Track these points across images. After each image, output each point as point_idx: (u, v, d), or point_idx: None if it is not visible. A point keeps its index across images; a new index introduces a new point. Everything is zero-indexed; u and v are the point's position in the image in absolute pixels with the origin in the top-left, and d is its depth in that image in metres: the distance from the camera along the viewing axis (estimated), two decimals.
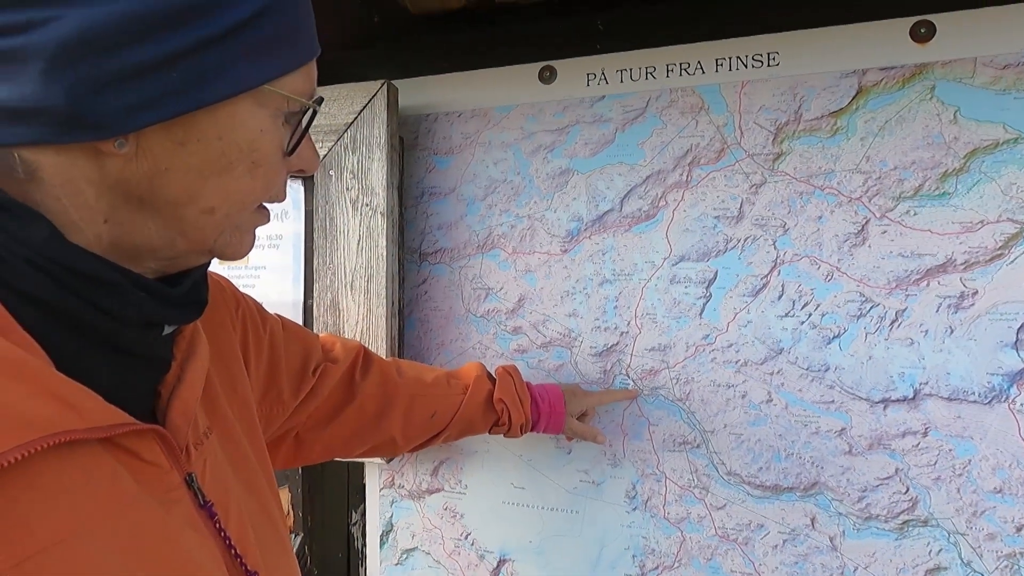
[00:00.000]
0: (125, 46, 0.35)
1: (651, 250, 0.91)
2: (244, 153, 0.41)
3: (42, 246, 0.36)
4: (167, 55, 0.36)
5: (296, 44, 0.42)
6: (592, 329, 0.94)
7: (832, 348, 0.83)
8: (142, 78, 0.35)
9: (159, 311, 0.42)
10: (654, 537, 0.91)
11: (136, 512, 0.38)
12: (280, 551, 0.54)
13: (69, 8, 0.33)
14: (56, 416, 0.34)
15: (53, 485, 0.34)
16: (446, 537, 1.03)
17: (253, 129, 0.41)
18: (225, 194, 0.41)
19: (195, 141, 0.39)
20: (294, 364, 0.68)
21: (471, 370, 0.84)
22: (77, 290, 0.38)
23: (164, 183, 0.39)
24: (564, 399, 0.85)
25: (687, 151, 0.89)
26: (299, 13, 0.42)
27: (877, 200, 0.81)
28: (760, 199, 0.86)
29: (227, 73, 0.38)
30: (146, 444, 0.41)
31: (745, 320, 0.87)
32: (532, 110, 0.97)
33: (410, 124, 1.03)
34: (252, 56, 0.39)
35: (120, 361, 0.41)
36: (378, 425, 0.75)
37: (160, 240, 0.41)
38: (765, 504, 0.86)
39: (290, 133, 0.44)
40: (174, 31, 0.35)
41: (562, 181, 0.95)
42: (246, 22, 0.38)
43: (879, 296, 0.81)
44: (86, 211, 0.38)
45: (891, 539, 0.81)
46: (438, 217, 1.02)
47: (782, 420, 0.85)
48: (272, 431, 0.67)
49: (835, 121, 0.83)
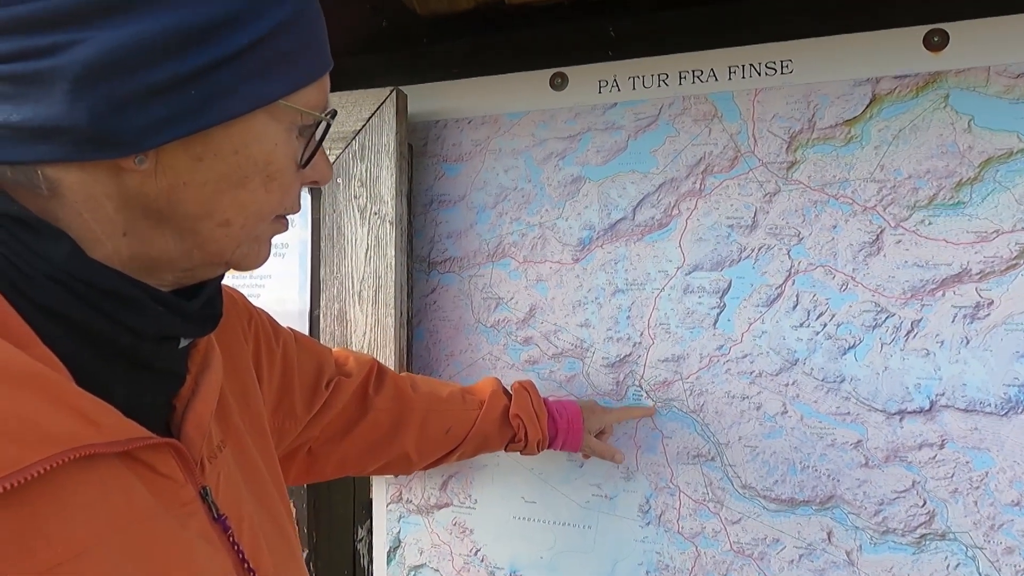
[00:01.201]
0: (145, 66, 0.39)
1: (664, 259, 0.97)
2: (259, 167, 0.45)
3: (64, 262, 0.41)
4: (185, 74, 0.40)
5: (310, 59, 0.47)
6: (604, 340, 1.01)
7: (848, 359, 0.89)
8: (161, 97, 0.39)
9: (176, 325, 0.47)
10: (668, 552, 0.97)
11: (151, 525, 0.42)
12: (293, 565, 0.58)
13: (92, 31, 0.38)
14: (77, 430, 0.38)
15: (72, 498, 0.38)
16: (455, 553, 1.09)
17: (268, 143, 0.46)
18: (240, 207, 0.46)
19: (212, 156, 0.43)
20: (307, 378, 0.74)
21: (486, 385, 0.90)
22: (97, 304, 0.42)
23: (182, 198, 0.43)
24: (582, 416, 0.90)
25: (700, 159, 0.96)
26: (313, 28, 0.47)
27: (892, 209, 0.87)
28: (774, 208, 0.92)
29: (242, 90, 0.42)
30: (162, 457, 0.45)
31: (760, 330, 0.93)
32: (543, 117, 1.04)
33: (419, 131, 1.11)
34: (267, 73, 0.43)
35: (136, 375, 0.46)
36: (392, 440, 0.81)
37: (178, 252, 0.46)
38: (781, 518, 0.92)
39: (304, 146, 0.49)
40: (192, 51, 0.40)
41: (574, 189, 1.02)
42: (261, 39, 0.42)
43: (894, 306, 0.87)
44: (106, 225, 0.43)
45: (908, 553, 0.87)
46: (447, 225, 1.09)
47: (797, 432, 0.91)
48: (285, 445, 0.72)
49: (849, 129, 0.89)
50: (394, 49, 1.14)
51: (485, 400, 0.87)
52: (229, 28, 0.41)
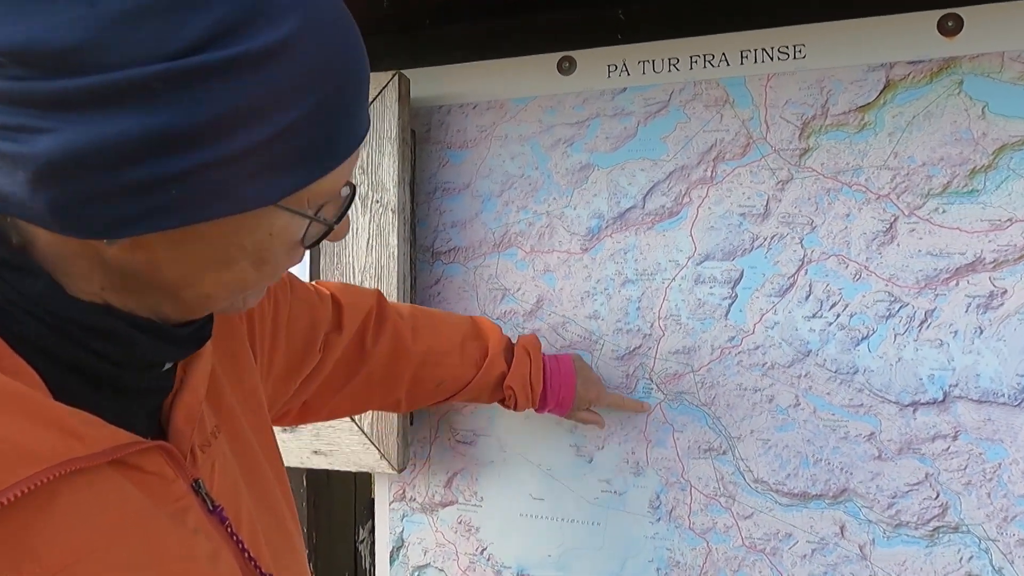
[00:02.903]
0: (117, 167, 0.38)
1: (675, 249, 1.06)
2: (249, 253, 0.46)
3: (40, 299, 0.43)
4: (165, 175, 0.39)
5: (332, 149, 0.45)
6: (614, 331, 1.10)
7: (861, 350, 0.98)
8: (134, 196, 0.39)
9: (162, 351, 0.50)
10: (679, 548, 1.07)
11: (146, 529, 0.46)
12: (289, 552, 0.63)
13: (61, 123, 0.37)
14: (58, 446, 0.41)
15: (60, 512, 0.41)
16: (460, 552, 1.19)
17: (262, 233, 0.45)
18: (225, 284, 0.48)
19: (195, 240, 0.44)
20: (297, 341, 0.78)
21: (491, 341, 0.96)
22: (78, 339, 0.45)
23: (161, 271, 0.45)
24: (575, 392, 0.99)
25: (711, 146, 1.05)
26: (343, 112, 0.45)
27: (905, 197, 0.96)
28: (787, 196, 1.01)
29: (237, 192, 0.42)
30: (150, 457, 0.48)
31: (772, 321, 1.02)
32: (551, 102, 1.13)
33: (422, 116, 1.20)
34: (271, 173, 0.42)
35: (123, 398, 0.49)
36: (384, 390, 0.90)
37: (160, 307, 0.48)
38: (793, 512, 1.01)
39: (307, 225, 0.48)
40: (177, 153, 0.38)
41: (582, 177, 1.11)
42: (267, 140, 0.41)
43: (908, 296, 0.96)
44: (83, 278, 0.45)
45: (922, 547, 0.96)
46: (452, 214, 1.18)
47: (810, 425, 1.00)
48: (278, 408, 0.80)
49: (863, 116, 0.98)
50: (396, 31, 1.23)
51: (484, 361, 0.94)
52: (225, 131, 0.39)
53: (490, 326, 0.99)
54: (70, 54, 0.36)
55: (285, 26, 0.40)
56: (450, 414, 1.19)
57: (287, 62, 0.40)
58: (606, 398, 1.05)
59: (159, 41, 0.37)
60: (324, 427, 1.13)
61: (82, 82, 0.36)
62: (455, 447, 1.18)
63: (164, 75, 0.37)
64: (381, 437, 1.10)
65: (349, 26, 0.46)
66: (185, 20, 0.37)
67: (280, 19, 0.40)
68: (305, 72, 0.42)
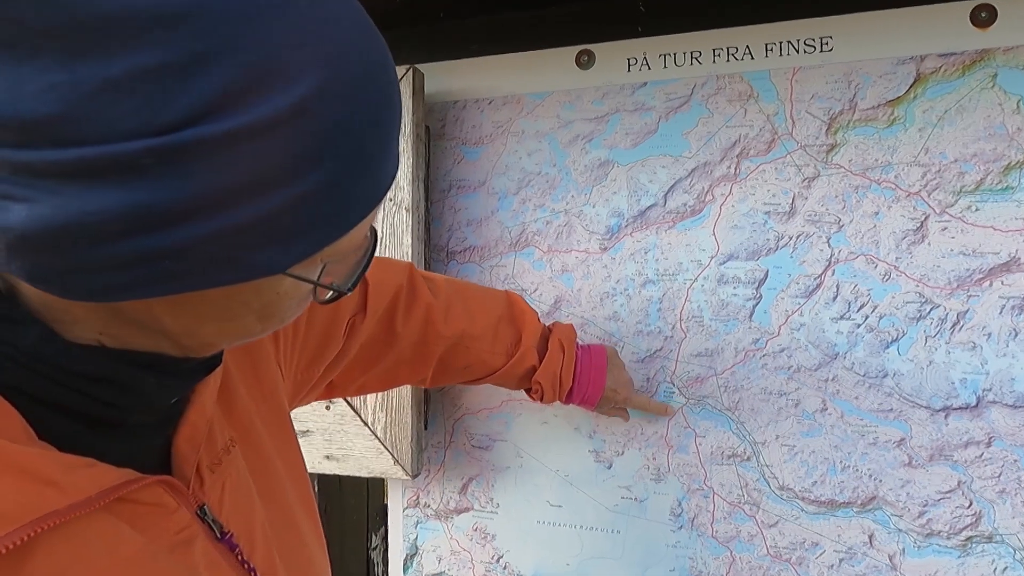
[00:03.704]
0: (98, 242, 0.36)
1: (697, 248, 1.08)
2: (255, 310, 0.44)
3: (33, 347, 0.42)
4: (153, 251, 0.36)
5: (351, 208, 0.42)
6: (634, 333, 1.12)
7: (890, 353, 0.99)
8: (119, 269, 0.37)
9: (168, 391, 0.49)
10: (701, 558, 1.09)
11: (138, 573, 0.44)
12: (311, 571, 0.63)
13: (38, 194, 0.34)
14: (30, 501, 0.39)
15: (40, 570, 0.39)
16: (476, 560, 1.21)
17: (269, 295, 0.44)
18: (227, 335, 0.47)
19: (196, 300, 0.42)
20: (320, 329, 0.77)
21: (525, 331, 0.97)
22: (77, 387, 0.43)
23: (161, 321, 0.43)
24: (603, 391, 1.01)
25: (735, 142, 1.06)
26: (364, 171, 0.41)
27: (937, 195, 0.97)
28: (813, 193, 1.03)
29: (237, 263, 0.39)
30: (148, 489, 0.47)
31: (798, 323, 1.03)
32: (569, 97, 1.15)
33: (436, 112, 1.22)
34: (278, 243, 0.39)
35: (123, 435, 0.48)
36: (412, 369, 0.92)
37: (161, 347, 0.46)
38: (820, 521, 1.03)
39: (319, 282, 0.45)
40: (164, 229, 0.36)
41: (601, 174, 1.13)
42: (273, 213, 0.38)
43: (939, 297, 0.97)
44: (79, 326, 0.43)
45: (953, 557, 0.97)
46: (467, 213, 1.21)
47: (837, 430, 1.02)
48: (302, 395, 0.79)
49: (892, 111, 0.99)
50: (410, 24, 1.25)
51: (516, 351, 0.96)
52: (224, 204, 0.36)
53: (526, 310, 1.00)
54: (45, 126, 0.33)
55: (299, 88, 0.36)
56: (466, 418, 1.21)
57: (298, 129, 0.37)
58: (634, 400, 1.07)
59: (147, 114, 0.33)
60: (336, 431, 1.16)
61: (59, 155, 0.33)
62: (470, 452, 1.21)
63: (152, 151, 0.34)
64: (395, 442, 1.13)
65: (378, 73, 0.41)
66: (179, 89, 0.34)
67: (294, 80, 0.36)
68: (321, 137, 0.38)
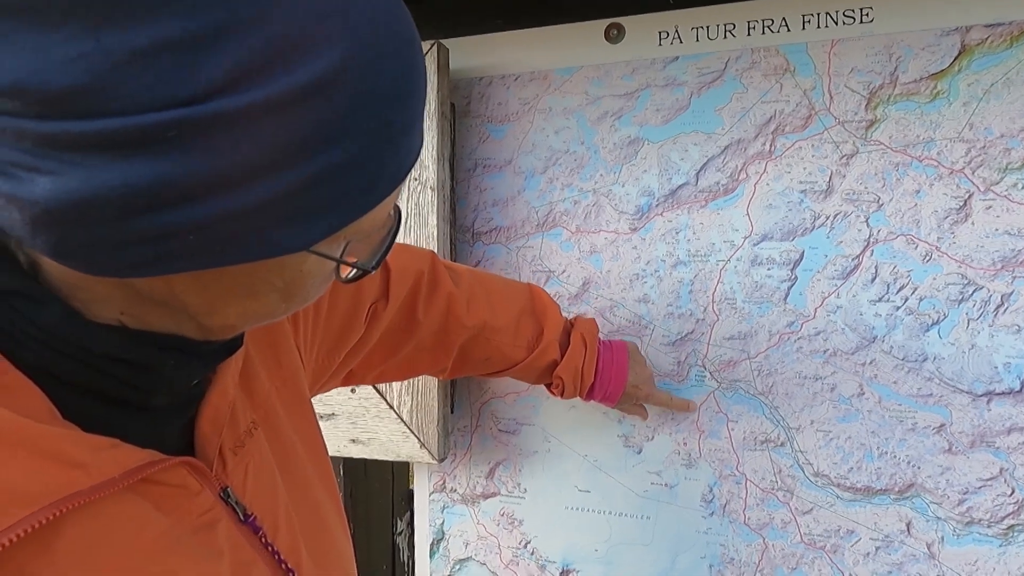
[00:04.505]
0: (124, 217, 0.37)
1: (730, 228, 1.10)
2: (278, 288, 0.46)
3: (54, 326, 0.43)
4: (178, 226, 0.38)
5: (376, 185, 0.43)
6: (665, 316, 1.14)
7: (931, 336, 1.00)
8: (144, 244, 0.38)
9: (190, 372, 0.51)
10: (733, 545, 1.11)
11: (161, 558, 0.46)
12: (334, 554, 0.65)
13: (63, 166, 0.35)
14: (56, 481, 0.41)
15: (63, 552, 0.41)
16: (503, 546, 1.25)
17: (293, 272, 0.45)
18: (250, 314, 0.48)
19: (219, 276, 0.43)
20: (341, 315, 0.79)
21: (547, 325, 1.00)
22: (98, 367, 0.45)
23: (183, 299, 0.45)
24: (625, 387, 1.04)
25: (770, 118, 1.07)
26: (391, 146, 0.43)
27: (981, 172, 0.98)
28: (851, 171, 1.04)
29: (261, 239, 0.40)
30: (173, 471, 0.49)
31: (834, 305, 1.05)
32: (597, 73, 1.17)
33: (462, 89, 1.24)
34: (303, 219, 0.41)
35: (147, 416, 0.50)
36: (432, 359, 0.95)
37: (182, 329, 0.48)
38: (856, 508, 1.05)
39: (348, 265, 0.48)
40: (190, 203, 0.37)
41: (631, 152, 1.15)
42: (299, 188, 0.39)
43: (983, 279, 0.98)
44: (100, 304, 0.45)
45: (994, 546, 0.98)
46: (493, 192, 1.23)
47: (875, 415, 1.03)
48: (321, 382, 0.82)
49: (935, 84, 1.00)
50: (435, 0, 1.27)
51: (537, 345, 0.99)
52: (249, 178, 0.38)
53: (549, 304, 1.02)
54: (70, 97, 0.34)
55: (325, 60, 0.38)
56: (492, 402, 1.24)
57: (324, 102, 0.38)
58: (655, 396, 1.09)
59: (173, 85, 0.35)
60: (361, 415, 1.19)
61: (84, 126, 0.34)
62: (497, 436, 1.24)
63: (178, 122, 0.35)
64: (421, 426, 1.16)
65: (404, 46, 0.42)
66: (204, 60, 0.35)
67: (319, 52, 0.37)
68: (347, 110, 0.39)
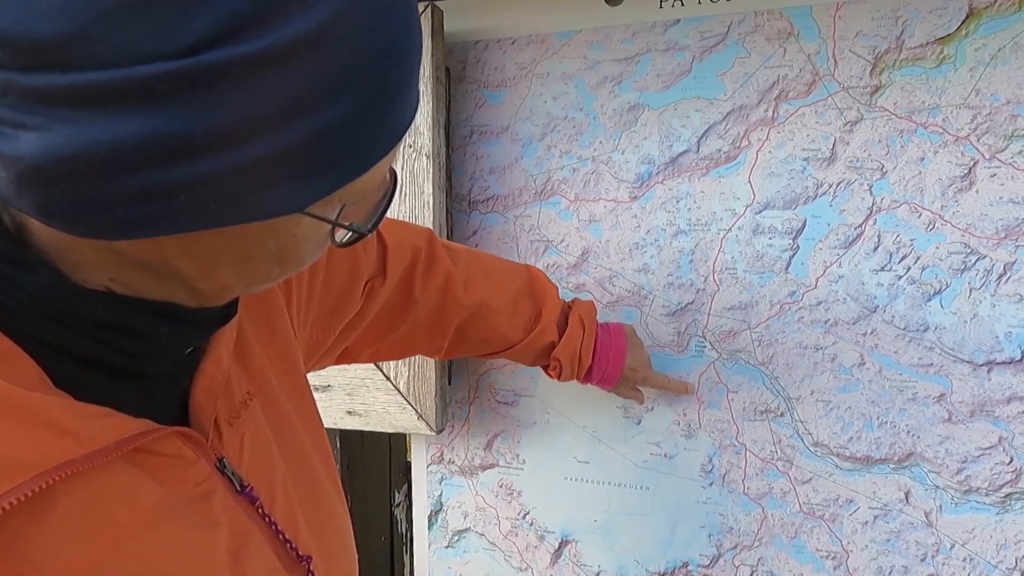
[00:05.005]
0: (114, 174, 0.36)
1: (731, 196, 1.11)
2: (272, 252, 0.46)
3: (45, 293, 0.43)
4: (169, 184, 0.37)
5: (372, 145, 0.43)
6: (665, 286, 1.15)
7: (932, 305, 1.02)
8: (133, 203, 0.38)
9: (183, 340, 0.51)
10: (732, 514, 1.14)
11: (157, 526, 0.47)
12: (331, 524, 0.67)
13: (51, 122, 0.35)
14: (48, 449, 0.42)
15: (58, 520, 0.42)
16: (502, 517, 1.28)
17: (286, 236, 0.45)
18: (244, 276, 0.48)
19: (211, 239, 0.43)
20: (337, 288, 0.80)
21: (546, 306, 1.01)
22: (89, 333, 0.46)
23: (174, 264, 0.45)
24: (622, 371, 1.05)
25: (773, 84, 1.08)
26: (387, 104, 0.42)
27: (987, 139, 0.99)
28: (855, 138, 1.05)
29: (254, 199, 0.40)
30: (168, 440, 0.50)
31: (836, 275, 1.06)
32: (597, 36, 1.16)
33: (457, 53, 1.24)
34: (297, 179, 0.40)
35: (140, 384, 0.51)
36: (428, 338, 0.96)
37: (175, 296, 0.48)
38: (855, 477, 1.07)
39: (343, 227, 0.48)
40: (181, 161, 0.37)
41: (631, 118, 1.15)
42: (293, 146, 0.39)
43: (986, 247, 1.00)
44: (89, 269, 0.45)
45: (992, 514, 1.01)
46: (490, 160, 1.24)
47: (875, 385, 1.05)
48: (316, 358, 0.82)
49: (942, 49, 1.00)
50: None
51: (535, 326, 1.00)
52: (243, 136, 0.37)
53: (547, 285, 1.04)
54: (56, 47, 0.33)
55: (317, 13, 0.37)
56: (490, 373, 1.26)
57: (319, 57, 0.38)
58: (653, 379, 1.11)
59: (164, 36, 0.34)
60: (359, 387, 1.21)
61: (71, 79, 0.34)
62: (495, 408, 1.26)
63: (168, 76, 0.34)
64: (418, 397, 1.18)
65: (400, 1, 0.42)
66: (196, 10, 0.34)
67: (315, 4, 0.37)
68: (342, 66, 0.39)
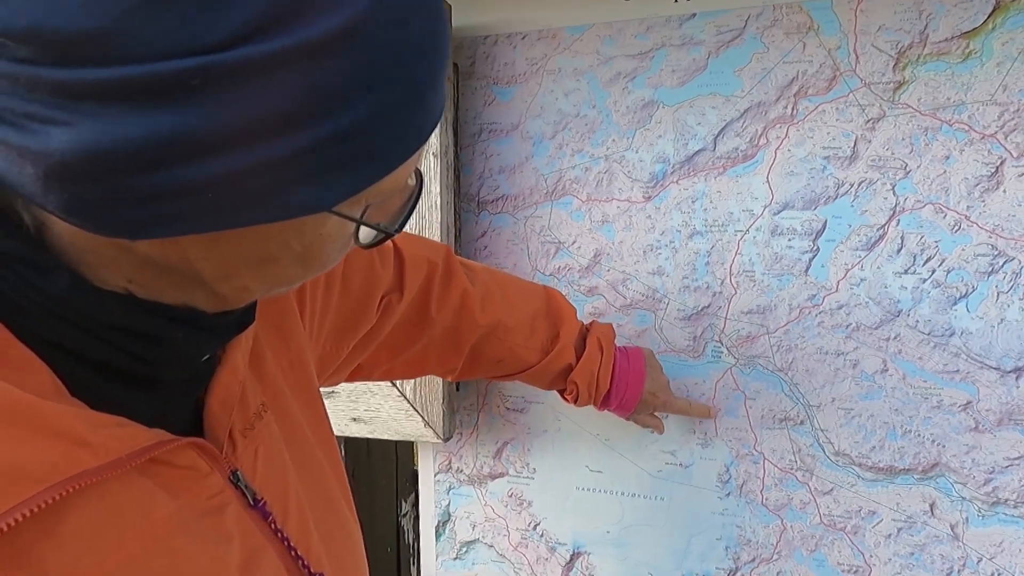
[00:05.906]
0: (142, 170, 0.38)
1: (749, 196, 1.12)
2: (295, 252, 0.47)
3: (63, 296, 0.44)
4: (197, 181, 0.38)
5: (400, 144, 0.44)
6: (680, 289, 1.16)
7: (958, 310, 1.03)
8: (159, 201, 0.39)
9: (200, 346, 0.53)
10: (750, 526, 1.15)
11: (169, 540, 0.48)
12: (343, 540, 0.68)
13: (80, 117, 0.36)
14: (61, 460, 0.42)
15: (69, 533, 0.43)
16: (512, 528, 1.29)
17: (311, 236, 0.46)
18: (266, 279, 0.49)
19: (234, 239, 0.44)
20: (353, 301, 0.82)
21: (563, 327, 1.02)
22: (105, 337, 0.47)
23: (195, 266, 0.46)
24: (641, 397, 1.05)
25: (792, 80, 1.09)
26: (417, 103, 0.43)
27: (1014, 137, 0.99)
28: (878, 136, 1.05)
29: (280, 198, 0.41)
30: (181, 452, 0.51)
31: (858, 278, 1.07)
32: (609, 31, 1.18)
33: (466, 48, 1.26)
34: (323, 178, 0.42)
35: (156, 393, 0.52)
36: (442, 357, 0.98)
37: (194, 299, 0.49)
38: (878, 488, 1.08)
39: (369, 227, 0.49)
40: (209, 157, 0.38)
41: (645, 115, 1.16)
42: (320, 144, 0.40)
43: (1014, 249, 1.00)
44: (107, 270, 0.46)
45: (1021, 526, 1.02)
46: (500, 159, 1.25)
47: (899, 393, 1.06)
48: (328, 373, 0.84)
49: (967, 43, 1.01)
50: None
51: (553, 347, 1.01)
52: (271, 133, 0.39)
53: (565, 306, 1.05)
54: (86, 41, 0.35)
55: (347, 10, 0.38)
56: None
57: (348, 54, 0.39)
58: (673, 404, 1.11)
59: (194, 31, 0.35)
60: (363, 392, 1.23)
61: (101, 74, 0.35)
62: (505, 415, 1.28)
63: (200, 71, 0.36)
64: (425, 404, 1.20)
65: None
66: (225, 5, 0.36)
67: (343, 1, 0.38)
68: (371, 64, 0.40)
